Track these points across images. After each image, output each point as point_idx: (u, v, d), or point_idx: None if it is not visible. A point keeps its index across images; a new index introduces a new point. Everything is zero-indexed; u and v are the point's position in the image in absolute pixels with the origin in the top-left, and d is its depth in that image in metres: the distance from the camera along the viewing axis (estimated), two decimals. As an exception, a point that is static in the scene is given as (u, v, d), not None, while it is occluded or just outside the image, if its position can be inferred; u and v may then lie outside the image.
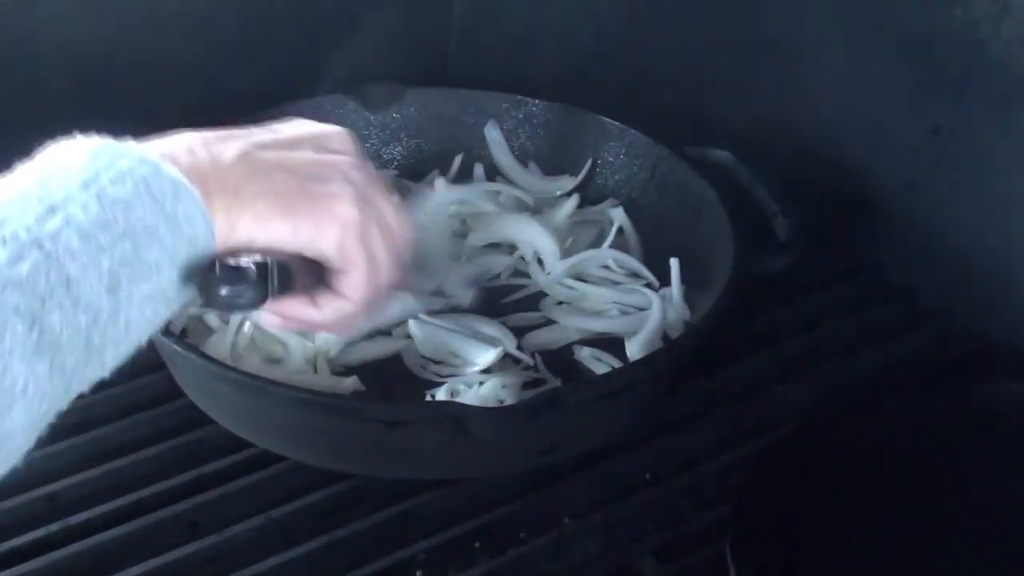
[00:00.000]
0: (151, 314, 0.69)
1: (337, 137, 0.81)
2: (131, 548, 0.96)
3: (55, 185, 0.66)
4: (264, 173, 0.74)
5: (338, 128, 0.83)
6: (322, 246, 0.76)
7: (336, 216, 0.76)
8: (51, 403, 0.65)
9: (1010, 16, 1.12)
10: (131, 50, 1.25)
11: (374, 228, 0.78)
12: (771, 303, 1.21)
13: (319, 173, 0.76)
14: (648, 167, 1.25)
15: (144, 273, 0.67)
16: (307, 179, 0.75)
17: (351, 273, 0.78)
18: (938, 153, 1.23)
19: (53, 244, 0.64)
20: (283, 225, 0.73)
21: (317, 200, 0.75)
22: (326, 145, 0.80)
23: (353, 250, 0.77)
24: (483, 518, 1.00)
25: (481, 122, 1.32)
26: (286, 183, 0.74)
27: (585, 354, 1.12)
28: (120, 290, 0.66)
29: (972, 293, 1.23)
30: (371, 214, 0.78)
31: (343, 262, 0.77)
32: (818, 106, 1.32)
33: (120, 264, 0.66)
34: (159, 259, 0.68)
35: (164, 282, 0.68)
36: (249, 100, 1.26)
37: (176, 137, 0.74)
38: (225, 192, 0.71)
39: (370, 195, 0.79)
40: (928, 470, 0.98)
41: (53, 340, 0.63)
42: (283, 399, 0.94)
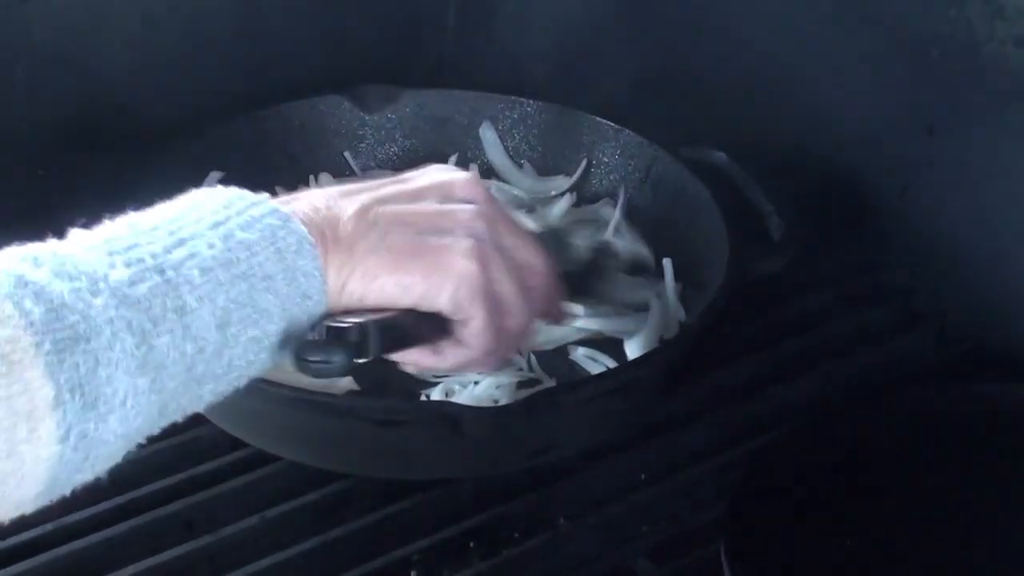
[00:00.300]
0: (253, 357, 0.71)
1: (464, 185, 0.81)
2: (126, 548, 0.96)
3: (187, 222, 0.70)
4: (380, 229, 0.75)
5: (467, 175, 0.83)
6: (435, 302, 0.77)
7: (449, 270, 0.76)
8: (145, 421, 0.67)
9: (1004, 17, 1.12)
10: (127, 50, 1.26)
11: (499, 275, 0.79)
12: (766, 304, 1.21)
13: (437, 226, 0.77)
14: (643, 167, 1.25)
15: (254, 317, 0.69)
16: (423, 233, 0.76)
17: (470, 324, 0.79)
18: (933, 154, 1.23)
19: (175, 272, 0.67)
20: (392, 282, 0.75)
21: (429, 254, 0.76)
22: (450, 193, 0.80)
23: (468, 303, 0.78)
24: (478, 518, 1.00)
25: (476, 123, 1.32)
26: (400, 238, 0.75)
27: (580, 354, 1.12)
28: (229, 328, 0.68)
29: (967, 294, 1.23)
30: (498, 261, 0.79)
31: (460, 314, 0.78)
32: (812, 107, 1.33)
33: (234, 303, 0.68)
34: (271, 306, 0.70)
35: (271, 330, 0.71)
36: (245, 100, 1.27)
37: (307, 194, 0.76)
38: (340, 250, 0.73)
39: (496, 239, 0.79)
40: (923, 471, 0.98)
41: (158, 360, 0.65)
42: (278, 399, 0.94)
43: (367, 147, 1.31)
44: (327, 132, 1.30)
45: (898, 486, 0.98)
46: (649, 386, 1.05)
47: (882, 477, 0.98)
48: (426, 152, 1.32)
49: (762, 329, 1.20)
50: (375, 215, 0.76)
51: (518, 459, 1.01)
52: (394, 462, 1.00)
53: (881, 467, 0.99)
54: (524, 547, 0.98)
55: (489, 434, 0.92)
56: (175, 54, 1.28)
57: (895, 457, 1.00)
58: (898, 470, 0.99)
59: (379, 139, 1.32)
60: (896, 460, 0.99)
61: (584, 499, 1.02)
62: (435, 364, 0.82)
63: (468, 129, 1.32)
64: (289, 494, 1.01)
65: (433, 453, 0.98)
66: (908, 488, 0.97)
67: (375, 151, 1.32)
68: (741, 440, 1.08)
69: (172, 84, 1.28)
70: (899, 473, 0.98)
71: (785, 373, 1.15)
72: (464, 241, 0.77)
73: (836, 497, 0.96)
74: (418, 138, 1.32)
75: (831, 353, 1.18)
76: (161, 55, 1.27)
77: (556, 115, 1.31)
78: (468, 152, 1.32)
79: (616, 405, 1.02)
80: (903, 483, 0.98)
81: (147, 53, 1.27)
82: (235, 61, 1.31)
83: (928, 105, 1.22)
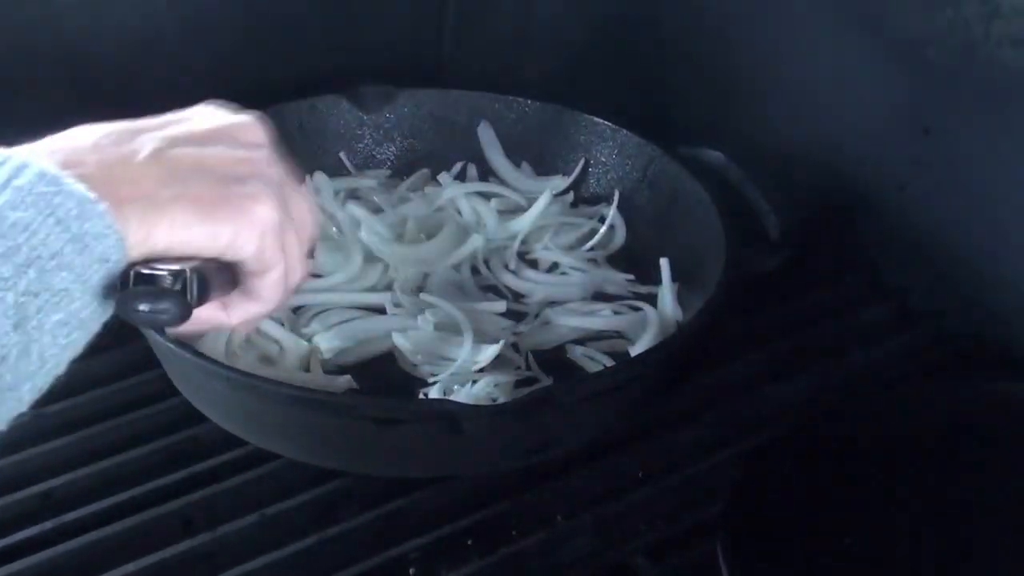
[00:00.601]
0: (66, 341, 0.64)
1: (251, 129, 0.77)
2: (125, 545, 0.96)
3: None
4: (180, 175, 0.69)
5: (250, 118, 0.78)
6: (241, 251, 0.72)
7: (255, 219, 0.72)
8: None
9: (1000, 17, 1.13)
10: (125, 51, 1.25)
11: (290, 228, 0.75)
12: (762, 303, 1.22)
13: (237, 172, 0.72)
14: (640, 167, 1.26)
15: (53, 301, 0.63)
16: (225, 180, 0.71)
17: (268, 275, 0.75)
18: (929, 153, 1.23)
19: None
20: (201, 231, 0.69)
21: (236, 203, 0.71)
22: (241, 138, 0.75)
23: (271, 253, 0.73)
24: (476, 516, 1.00)
25: (474, 122, 1.32)
26: (203, 186, 0.70)
27: (578, 353, 1.12)
28: (28, 323, 0.62)
29: (962, 292, 1.23)
30: (288, 213, 0.75)
31: (261, 265, 0.74)
32: (809, 106, 1.33)
33: (26, 295, 0.61)
34: (68, 284, 0.63)
35: (77, 306, 0.64)
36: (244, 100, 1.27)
37: (81, 132, 0.69)
38: (138, 197, 0.67)
39: (286, 191, 0.75)
40: (918, 469, 0.99)
41: None
42: (277, 397, 0.94)
43: (365, 147, 1.32)
44: (326, 132, 1.30)
45: (895, 484, 0.98)
46: (647, 385, 1.05)
47: (878, 475, 0.98)
48: (424, 151, 1.33)
49: (759, 328, 1.21)
50: (171, 159, 0.69)
51: (516, 457, 1.01)
52: (392, 460, 1.00)
53: (877, 465, 0.99)
54: (522, 545, 0.98)
55: (487, 432, 0.93)
56: (174, 53, 1.28)
57: (892, 455, 1.00)
58: (895, 468, 0.99)
59: (377, 139, 1.32)
60: (893, 458, 1.00)
61: (582, 497, 1.03)
62: (221, 321, 0.77)
63: (466, 129, 1.32)
64: (288, 492, 1.01)
65: (431, 451, 0.99)
66: (905, 486, 0.97)
67: (373, 151, 1.32)
68: (738, 438, 1.08)
69: (171, 83, 1.27)
70: (896, 471, 0.99)
71: (782, 371, 1.15)
72: (266, 188, 0.72)
73: (833, 495, 0.96)
74: (416, 138, 1.33)
75: (828, 351, 1.18)
76: (160, 54, 1.27)
77: (554, 115, 1.31)
78: (466, 152, 1.32)
79: (613, 404, 1.03)
80: (900, 481, 0.98)
81: (145, 51, 1.26)
82: (234, 60, 1.30)
83: (924, 105, 1.22)
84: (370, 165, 1.32)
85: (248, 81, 1.30)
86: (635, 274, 1.21)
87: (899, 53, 1.23)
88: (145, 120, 0.73)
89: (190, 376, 1.03)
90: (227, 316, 0.77)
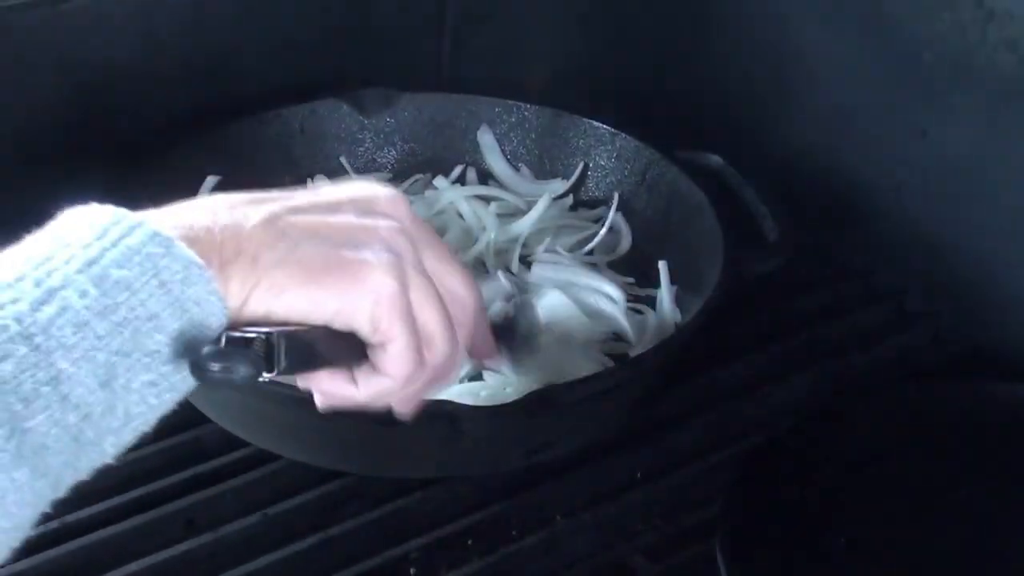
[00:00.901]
0: (155, 401, 0.63)
1: (385, 200, 0.73)
2: (128, 545, 0.96)
3: (57, 264, 0.61)
4: (290, 239, 0.67)
5: (388, 190, 0.74)
6: (351, 319, 0.68)
7: (367, 286, 0.68)
8: (36, 504, 0.60)
9: (995, 21, 1.13)
10: (127, 54, 1.26)
11: (421, 298, 0.71)
12: (760, 305, 1.22)
13: (354, 239, 0.69)
14: (639, 171, 1.26)
15: (143, 362, 0.61)
16: (337, 246, 0.68)
17: (389, 348, 0.70)
18: (925, 156, 1.24)
19: (44, 336, 0.58)
20: (302, 296, 0.66)
21: (345, 268, 0.68)
22: (371, 208, 0.72)
23: (388, 323, 0.69)
24: (475, 516, 1.00)
25: (474, 126, 1.33)
26: (312, 250, 0.67)
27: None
28: (116, 382, 0.61)
29: (959, 295, 1.24)
30: (417, 283, 0.71)
31: (378, 337, 0.70)
32: (806, 110, 1.33)
33: (117, 355, 0.60)
34: (161, 347, 0.62)
35: (168, 368, 0.63)
36: (245, 104, 1.28)
37: (205, 200, 0.68)
38: (243, 260, 0.65)
39: (419, 261, 0.72)
40: (915, 470, 0.99)
41: (37, 444, 0.58)
42: (279, 399, 0.94)
43: (366, 151, 1.32)
44: (326, 136, 1.30)
45: (891, 485, 0.98)
46: (645, 386, 1.06)
47: (875, 476, 0.99)
48: (425, 155, 1.33)
49: (757, 330, 1.21)
50: (285, 224, 0.67)
51: (515, 458, 1.01)
52: (393, 461, 1.01)
53: (874, 466, 1.00)
54: (522, 545, 0.99)
55: (487, 433, 0.93)
56: (175, 58, 1.28)
57: (888, 456, 1.01)
58: (891, 469, 1.00)
59: (378, 143, 1.32)
60: (889, 459, 1.00)
61: (581, 497, 1.03)
62: (348, 394, 0.73)
63: (466, 133, 1.33)
64: (289, 492, 1.01)
65: (432, 452, 0.99)
66: (901, 487, 0.98)
67: (374, 155, 1.33)
68: (736, 439, 1.08)
69: (172, 87, 1.28)
70: (892, 472, 0.99)
71: (780, 373, 1.16)
72: (383, 255, 0.69)
73: (830, 495, 0.97)
74: (417, 142, 1.33)
75: (825, 353, 1.19)
76: (161, 59, 1.27)
77: (553, 119, 1.31)
78: (466, 155, 1.33)
79: (613, 404, 1.03)
80: (896, 482, 0.99)
81: (147, 57, 1.26)
82: (235, 65, 1.30)
83: (921, 108, 1.23)
84: (371, 169, 1.33)
85: (250, 85, 1.31)
86: (634, 277, 1.22)
87: (896, 56, 1.24)
88: (277, 192, 0.71)
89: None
90: (356, 389, 0.73)
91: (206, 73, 1.30)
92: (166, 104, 1.28)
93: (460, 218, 1.27)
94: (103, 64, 1.25)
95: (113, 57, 1.25)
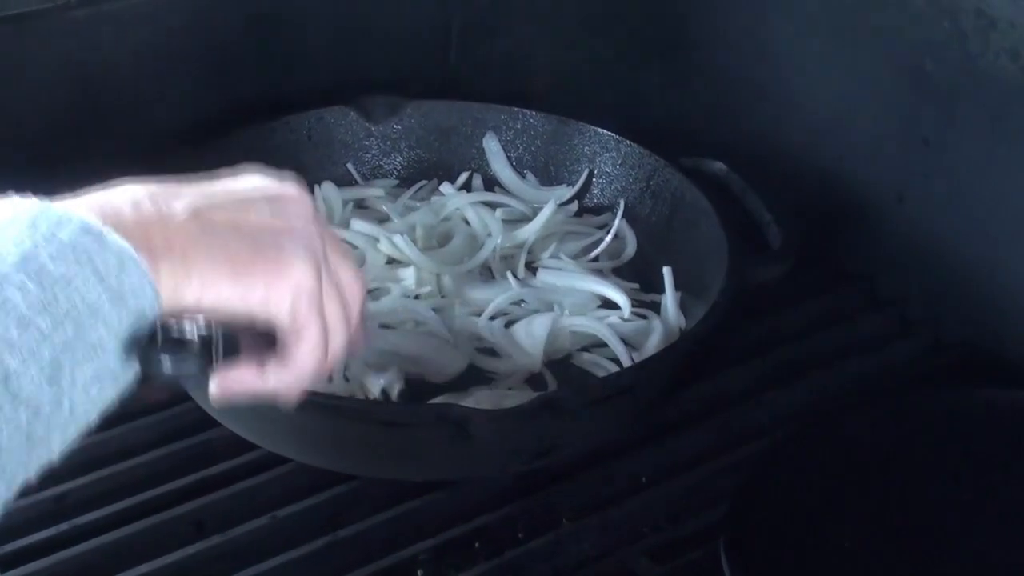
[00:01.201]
0: (97, 394, 0.63)
1: (294, 200, 0.75)
2: (138, 547, 0.97)
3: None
4: (216, 234, 0.68)
5: (295, 189, 0.76)
6: (274, 311, 0.70)
7: (289, 280, 0.70)
8: None
9: (997, 29, 1.13)
10: (137, 61, 1.26)
11: (330, 294, 0.74)
12: (764, 311, 1.23)
13: (275, 235, 0.71)
14: (643, 178, 1.27)
15: (87, 354, 0.62)
16: (261, 241, 0.70)
17: (303, 340, 0.73)
18: (927, 164, 1.24)
19: None
20: (232, 289, 0.68)
21: (269, 263, 0.70)
22: (282, 208, 0.74)
23: (306, 316, 0.72)
24: (482, 519, 1.01)
25: (480, 133, 1.33)
26: (238, 245, 0.69)
27: (584, 358, 1.14)
28: (63, 377, 0.61)
29: (959, 302, 1.24)
30: (327, 279, 0.74)
31: (295, 328, 0.72)
32: (809, 118, 1.34)
33: (62, 350, 0.60)
34: (103, 338, 0.62)
35: (110, 360, 0.63)
36: (253, 111, 1.28)
37: (122, 189, 0.68)
38: (173, 254, 0.66)
39: (327, 260, 0.74)
40: (917, 476, 1.00)
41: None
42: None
43: (373, 157, 1.33)
44: (334, 142, 1.31)
45: (893, 489, 0.99)
46: (651, 390, 1.06)
47: (877, 481, 1.00)
48: (431, 162, 1.34)
49: (760, 336, 1.22)
50: (209, 219, 0.69)
51: (522, 461, 1.02)
52: (401, 464, 1.01)
53: (876, 471, 1.00)
54: (528, 547, 0.99)
55: (494, 436, 0.93)
56: (185, 66, 1.28)
57: (890, 461, 1.01)
58: (893, 474, 1.00)
59: (384, 149, 1.33)
60: (891, 464, 1.01)
61: (586, 501, 1.04)
62: (258, 387, 0.74)
63: (472, 140, 1.33)
64: (298, 495, 1.02)
65: (439, 455, 1.00)
66: (903, 491, 0.99)
67: (381, 161, 1.33)
68: (740, 444, 1.09)
69: (181, 95, 1.28)
70: (894, 477, 1.00)
71: (783, 379, 1.17)
72: (301, 250, 0.71)
73: (833, 500, 0.97)
74: (423, 148, 1.34)
75: (828, 360, 1.19)
76: (171, 67, 1.28)
77: (558, 126, 1.32)
78: (472, 162, 1.34)
79: (618, 409, 1.03)
80: (898, 487, 0.99)
81: (157, 64, 1.27)
82: (243, 72, 1.31)
83: (923, 117, 1.23)
84: (377, 175, 1.33)
85: (257, 92, 1.32)
86: (639, 283, 1.22)
87: (898, 65, 1.24)
88: (186, 181, 0.72)
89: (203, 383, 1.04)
90: (263, 381, 0.74)
91: (213, 80, 1.30)
92: (174, 111, 1.28)
93: (466, 224, 1.28)
94: (110, 71, 1.25)
95: (120, 64, 1.25)
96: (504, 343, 1.13)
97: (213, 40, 1.30)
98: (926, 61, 1.21)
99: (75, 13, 1.21)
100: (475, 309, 1.17)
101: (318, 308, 0.72)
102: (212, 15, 1.29)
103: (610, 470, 1.06)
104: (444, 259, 1.22)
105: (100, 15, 1.23)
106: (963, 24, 1.16)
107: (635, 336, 1.15)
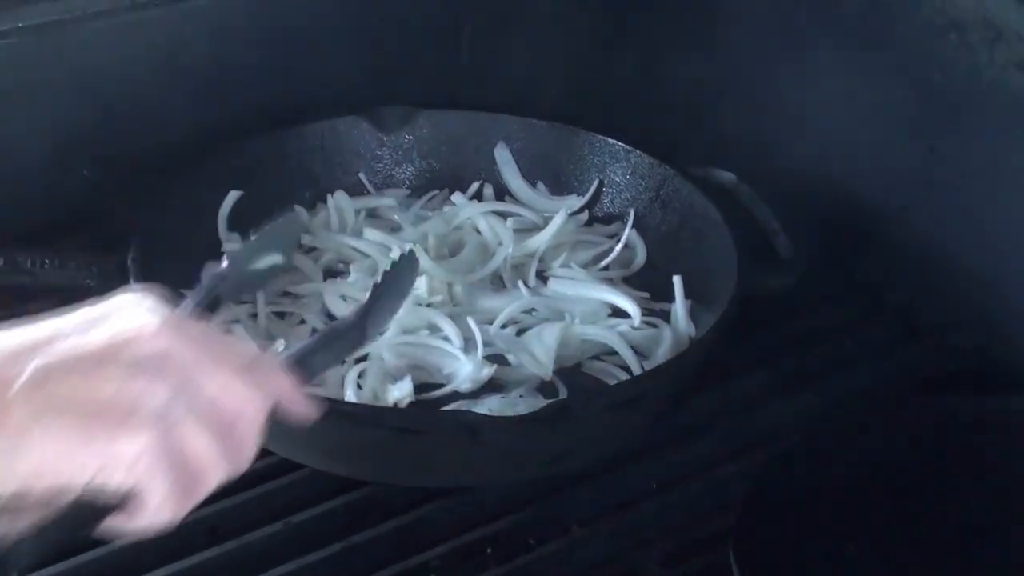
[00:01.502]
0: None
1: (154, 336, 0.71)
2: (153, 553, 0.97)
3: None
4: (52, 409, 0.67)
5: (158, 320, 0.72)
6: (109, 480, 0.68)
7: (128, 447, 0.68)
8: None
9: (1003, 41, 1.14)
10: (151, 72, 1.27)
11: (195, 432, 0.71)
12: (773, 320, 1.23)
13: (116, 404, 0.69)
14: (653, 187, 1.27)
15: None
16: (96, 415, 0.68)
17: (148, 498, 0.70)
18: (934, 174, 1.25)
19: None
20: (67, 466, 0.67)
21: (102, 439, 0.68)
22: (139, 351, 0.71)
23: (147, 481, 0.69)
24: (494, 525, 1.02)
25: (491, 143, 1.34)
26: (73, 421, 0.67)
27: (595, 366, 1.14)
28: None
29: (966, 310, 1.25)
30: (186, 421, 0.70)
31: (136, 490, 0.70)
32: (817, 128, 1.34)
33: None
34: None
35: None
36: (266, 121, 1.29)
37: None
38: (8, 431, 0.66)
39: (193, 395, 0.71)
40: (924, 482, 1.00)
41: None
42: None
43: (384, 167, 1.34)
44: (346, 152, 1.32)
45: (900, 496, 0.99)
46: (661, 398, 1.07)
47: (884, 487, 1.00)
48: (443, 171, 1.34)
49: (769, 344, 1.22)
50: (48, 394, 0.67)
51: (533, 468, 1.02)
52: (414, 470, 1.02)
53: (884, 478, 1.01)
54: (539, 553, 1.00)
55: (506, 444, 0.94)
56: (198, 76, 1.29)
57: (898, 468, 1.02)
58: (900, 481, 1.01)
59: (396, 159, 1.34)
60: (898, 471, 1.02)
61: (597, 507, 1.05)
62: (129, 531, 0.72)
63: (483, 149, 1.34)
64: (312, 501, 1.03)
65: (452, 462, 1.00)
66: (910, 498, 0.99)
67: (392, 171, 1.34)
68: (749, 451, 1.10)
69: (195, 105, 1.29)
70: (901, 483, 1.01)
71: (791, 387, 1.17)
72: (146, 416, 0.69)
73: (841, 506, 0.98)
74: (434, 158, 1.34)
75: (835, 368, 1.20)
76: (183, 77, 1.29)
77: (569, 136, 1.33)
78: (483, 172, 1.34)
79: (628, 416, 1.04)
80: (905, 493, 1.00)
81: (171, 75, 1.28)
82: (256, 82, 1.32)
83: (930, 127, 1.24)
84: (389, 185, 1.34)
85: (270, 102, 1.32)
86: (649, 291, 1.23)
87: (905, 76, 1.24)
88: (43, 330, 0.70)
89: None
90: (133, 524, 0.72)
91: (227, 90, 1.31)
92: (188, 121, 1.29)
93: (477, 233, 1.29)
94: (126, 82, 1.26)
95: (136, 75, 1.26)
96: (515, 351, 1.14)
97: (226, 50, 1.31)
98: (933, 72, 1.22)
99: (87, 26, 1.22)
100: (487, 318, 1.17)
101: (166, 462, 0.70)
102: (225, 26, 1.30)
103: (620, 477, 1.07)
104: (456, 268, 1.22)
105: (115, 26, 1.23)
106: (970, 36, 1.17)
107: (645, 344, 1.16)
